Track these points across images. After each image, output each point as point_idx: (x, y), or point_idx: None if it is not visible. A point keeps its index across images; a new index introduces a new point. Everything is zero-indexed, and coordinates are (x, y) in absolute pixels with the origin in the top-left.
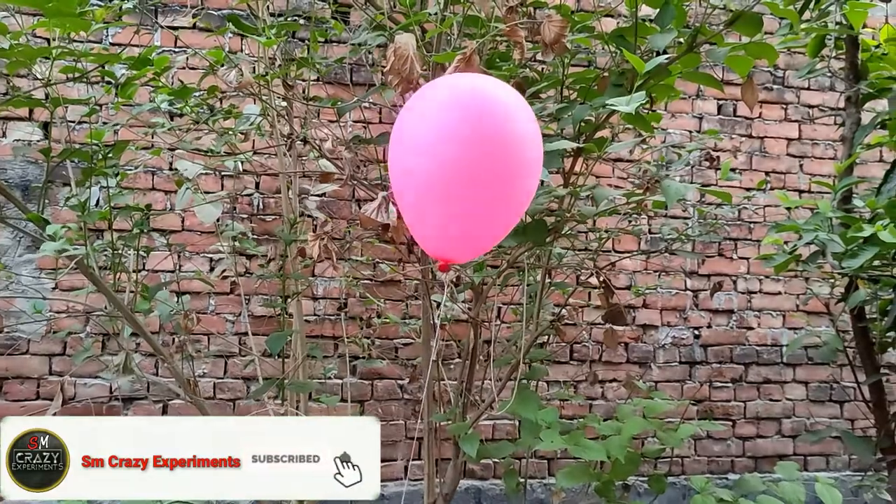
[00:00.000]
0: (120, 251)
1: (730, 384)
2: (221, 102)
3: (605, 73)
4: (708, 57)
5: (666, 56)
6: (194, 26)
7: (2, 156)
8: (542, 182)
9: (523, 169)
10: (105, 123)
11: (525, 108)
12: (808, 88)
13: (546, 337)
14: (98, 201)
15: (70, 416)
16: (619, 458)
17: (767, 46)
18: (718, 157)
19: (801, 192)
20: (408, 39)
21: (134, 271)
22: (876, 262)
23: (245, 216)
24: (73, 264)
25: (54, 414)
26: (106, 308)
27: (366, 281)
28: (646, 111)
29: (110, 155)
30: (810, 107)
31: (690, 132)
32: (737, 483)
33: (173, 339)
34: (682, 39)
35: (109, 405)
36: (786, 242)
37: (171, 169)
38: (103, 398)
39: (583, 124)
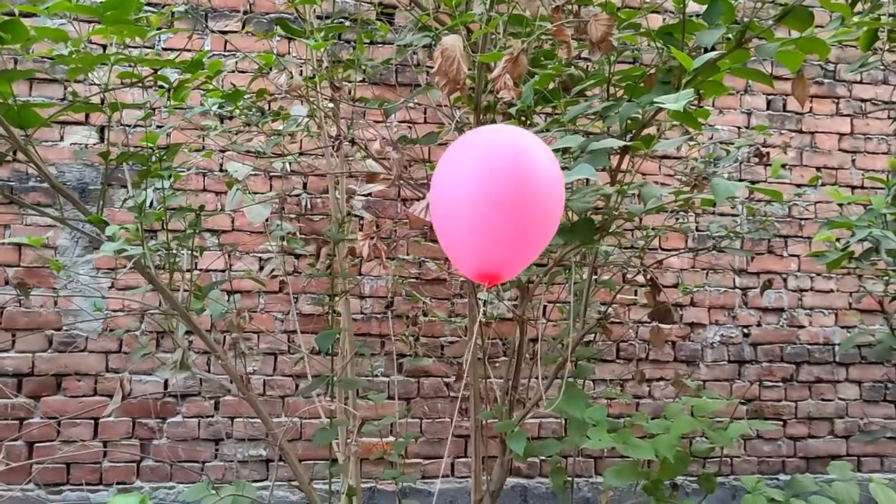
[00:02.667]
0: (174, 251)
1: (780, 383)
2: (270, 105)
3: (652, 71)
4: (757, 53)
5: (714, 52)
6: (244, 29)
7: (60, 159)
8: (589, 181)
9: (547, 206)
10: (159, 127)
11: (544, 149)
12: (860, 82)
13: (592, 335)
14: (152, 203)
15: (127, 413)
16: (667, 458)
17: (818, 41)
18: (768, 152)
19: (853, 188)
20: (454, 41)
21: (187, 271)
22: None
23: (293, 216)
24: (131, 264)
25: (112, 410)
26: (161, 306)
27: (412, 279)
28: (693, 107)
29: (164, 157)
30: (862, 101)
31: (739, 128)
32: (788, 483)
33: (224, 336)
34: (730, 35)
35: (164, 402)
36: (838, 239)
37: (221, 170)
38: (158, 395)
39: (629, 122)
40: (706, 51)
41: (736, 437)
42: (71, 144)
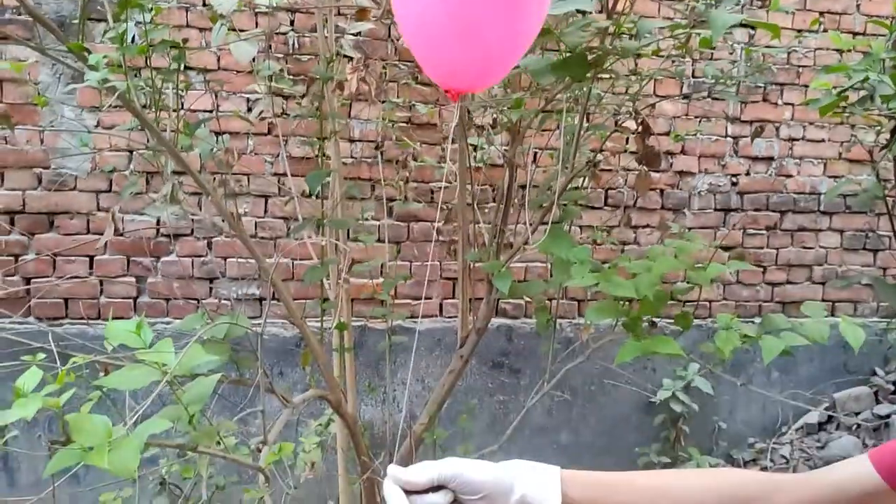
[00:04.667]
0: (160, 88)
1: (763, 231)
2: None
3: None
4: None
5: None
6: None
7: None
8: (585, 13)
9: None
10: None
11: None
12: None
13: (581, 181)
14: (134, 38)
15: (121, 251)
16: (647, 296)
17: None
18: None
19: (856, 34)
20: None
21: (174, 110)
22: None
23: (280, 56)
24: (115, 97)
25: (106, 243)
26: (148, 144)
27: (402, 123)
28: None
29: None
30: None
31: None
32: (761, 321)
33: (214, 177)
34: None
35: (157, 241)
36: (835, 87)
37: (204, 4)
38: (151, 233)
39: None
40: None
41: (715, 276)
42: None
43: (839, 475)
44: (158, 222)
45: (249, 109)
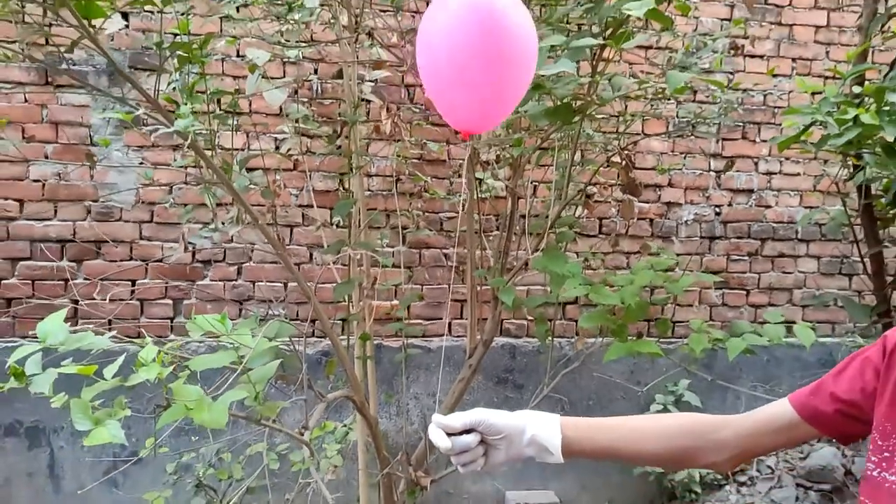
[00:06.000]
0: (216, 130)
1: (746, 257)
2: None
3: None
4: None
5: None
6: None
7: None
8: (568, 72)
9: (520, 56)
10: (182, 14)
11: (521, 7)
12: None
13: (575, 209)
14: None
15: (159, 276)
16: (630, 304)
17: None
18: (743, 45)
19: (825, 78)
20: None
21: (224, 149)
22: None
23: (305, 100)
24: (188, 142)
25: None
26: (187, 180)
27: (415, 160)
28: (666, 8)
29: (202, 45)
30: None
31: (721, 20)
32: (730, 327)
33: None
34: None
35: (192, 266)
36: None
37: (238, 56)
38: (187, 257)
39: (609, 20)
40: None
41: (686, 286)
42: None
43: (767, 411)
44: (194, 250)
45: (277, 147)
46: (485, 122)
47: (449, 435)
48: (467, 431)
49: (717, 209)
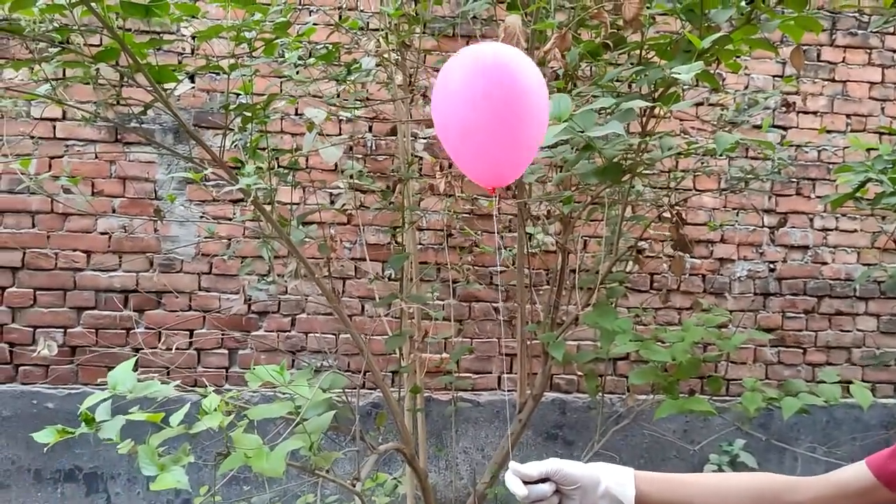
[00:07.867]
0: (275, 186)
1: (802, 315)
2: (340, 55)
3: (678, 39)
4: (763, 28)
5: (720, 33)
6: None
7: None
8: (619, 134)
9: (529, 117)
10: (244, 76)
11: (531, 66)
12: (893, 33)
13: (625, 266)
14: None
15: (215, 327)
16: (682, 361)
17: (810, 20)
18: (794, 103)
19: (881, 134)
20: (514, 20)
21: (270, 202)
22: None
23: (360, 156)
24: (251, 200)
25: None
26: (245, 233)
27: (465, 215)
28: (715, 69)
29: (265, 105)
30: (894, 51)
31: (773, 76)
32: (784, 385)
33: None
34: (742, 12)
35: (248, 317)
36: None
37: (296, 114)
38: (243, 308)
39: (658, 81)
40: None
41: (739, 344)
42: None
43: (843, 474)
44: (249, 301)
45: (332, 202)
46: (500, 179)
47: (525, 483)
48: (543, 480)
49: (772, 265)
